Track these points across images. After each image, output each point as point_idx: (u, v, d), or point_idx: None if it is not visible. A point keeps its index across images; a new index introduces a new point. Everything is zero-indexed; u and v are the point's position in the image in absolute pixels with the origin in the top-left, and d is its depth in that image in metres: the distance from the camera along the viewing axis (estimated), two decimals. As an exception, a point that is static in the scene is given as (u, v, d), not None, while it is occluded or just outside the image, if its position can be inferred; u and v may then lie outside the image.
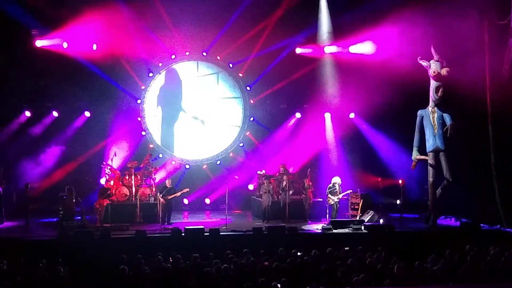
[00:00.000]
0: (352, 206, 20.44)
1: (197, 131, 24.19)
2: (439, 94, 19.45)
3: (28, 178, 20.47)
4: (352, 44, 23.28)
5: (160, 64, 23.71)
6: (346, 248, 14.88)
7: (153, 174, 21.43)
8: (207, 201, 23.50)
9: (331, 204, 19.88)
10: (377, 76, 21.94)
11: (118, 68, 22.66)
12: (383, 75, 21.62)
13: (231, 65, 24.07)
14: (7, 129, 21.56)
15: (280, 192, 20.98)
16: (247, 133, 24.41)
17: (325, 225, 18.83)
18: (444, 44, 19.71)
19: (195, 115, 24.15)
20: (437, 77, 19.32)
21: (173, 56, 23.75)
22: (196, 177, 23.69)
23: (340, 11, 22.93)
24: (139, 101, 23.47)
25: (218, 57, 24.00)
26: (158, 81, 23.92)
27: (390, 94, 21.42)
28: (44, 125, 22.21)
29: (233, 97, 24.42)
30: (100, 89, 22.54)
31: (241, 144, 24.41)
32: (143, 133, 23.59)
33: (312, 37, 23.71)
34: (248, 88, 24.22)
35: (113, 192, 20.38)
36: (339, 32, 23.31)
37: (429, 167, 19.66)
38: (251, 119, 24.34)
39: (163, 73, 23.96)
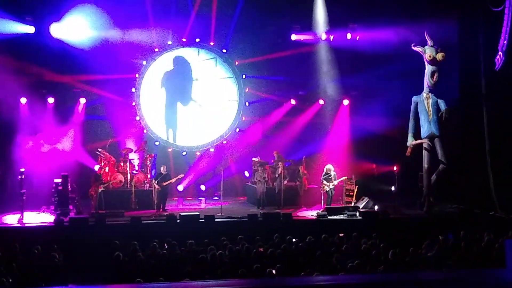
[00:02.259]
0: (347, 193, 20.48)
1: (193, 117, 24.15)
2: (434, 79, 19.47)
3: (23, 164, 20.39)
4: (348, 31, 23.23)
5: (156, 50, 23.57)
6: (340, 235, 14.93)
7: (148, 161, 21.43)
8: (203, 187, 23.48)
9: (326, 191, 19.92)
10: (371, 63, 21.95)
11: (112, 56, 22.46)
12: (378, 62, 21.64)
13: (224, 51, 23.98)
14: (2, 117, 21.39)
15: (275, 179, 21.04)
16: (243, 119, 24.37)
17: (320, 212, 18.89)
18: (438, 31, 19.71)
19: (193, 98, 24.15)
20: (433, 61, 19.34)
21: (169, 42, 23.63)
22: (192, 163, 23.69)
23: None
24: (133, 90, 23.37)
25: (212, 43, 23.91)
26: (159, 66, 23.77)
27: (384, 81, 21.44)
28: (40, 112, 22.03)
29: (228, 77, 24.30)
30: (95, 75, 22.41)
31: (237, 130, 24.36)
32: (137, 117, 23.51)
33: (307, 23, 23.62)
34: (244, 76, 24.15)
35: (108, 178, 20.39)
36: (335, 18, 23.25)
37: (424, 152, 19.71)
38: (247, 104, 24.29)
39: (166, 58, 23.83)
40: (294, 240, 14.40)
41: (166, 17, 22.81)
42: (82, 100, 22.43)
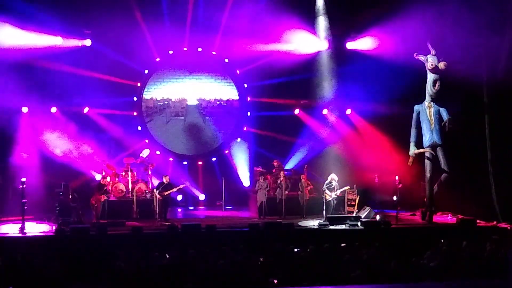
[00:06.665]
0: (349, 203, 20.44)
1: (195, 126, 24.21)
2: (436, 88, 19.45)
3: (24, 173, 20.35)
4: (350, 40, 23.19)
5: (158, 59, 23.56)
6: (342, 245, 14.88)
7: (149, 170, 21.41)
8: (202, 197, 23.44)
9: (328, 201, 19.88)
10: (374, 72, 21.92)
11: (113, 65, 22.44)
12: (380, 71, 21.60)
13: (226, 60, 23.96)
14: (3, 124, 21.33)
15: (277, 188, 21.00)
16: (244, 128, 24.35)
17: (321, 221, 18.84)
18: (441, 39, 19.69)
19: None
20: (435, 69, 19.32)
21: (170, 52, 23.63)
22: (192, 173, 23.69)
23: (339, 6, 22.87)
24: (135, 99, 23.41)
25: (214, 52, 23.90)
26: (160, 75, 23.85)
27: (387, 90, 21.40)
28: (41, 121, 21.99)
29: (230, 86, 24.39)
30: (97, 85, 22.41)
31: (238, 140, 24.34)
32: (139, 128, 23.53)
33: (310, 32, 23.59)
34: (245, 85, 24.16)
35: (110, 188, 20.37)
36: (337, 27, 23.23)
37: (426, 162, 19.67)
38: (248, 113, 24.29)
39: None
40: (296, 250, 14.36)
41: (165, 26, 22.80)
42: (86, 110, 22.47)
